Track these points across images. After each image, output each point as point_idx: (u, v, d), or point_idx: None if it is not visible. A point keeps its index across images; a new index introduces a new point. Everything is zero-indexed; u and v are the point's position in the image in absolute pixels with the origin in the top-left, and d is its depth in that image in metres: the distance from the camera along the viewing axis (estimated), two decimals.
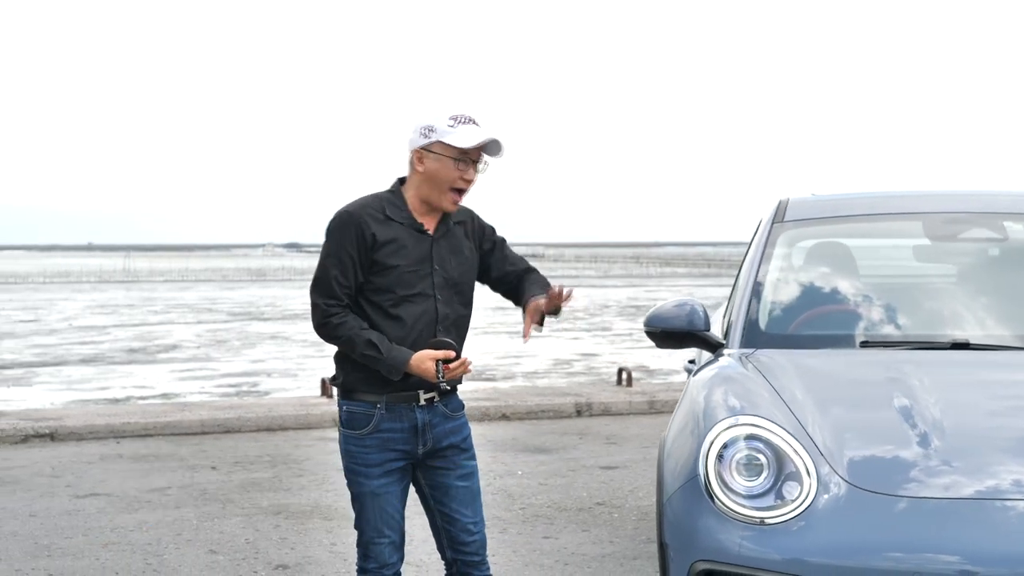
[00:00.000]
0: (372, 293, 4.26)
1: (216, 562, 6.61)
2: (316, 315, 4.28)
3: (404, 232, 4.27)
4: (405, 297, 4.25)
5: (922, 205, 5.46)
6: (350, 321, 4.22)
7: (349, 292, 4.24)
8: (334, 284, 4.23)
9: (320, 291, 4.26)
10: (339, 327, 4.22)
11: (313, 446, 10.17)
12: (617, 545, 6.89)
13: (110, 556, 6.75)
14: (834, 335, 4.88)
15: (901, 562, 3.64)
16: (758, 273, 5.11)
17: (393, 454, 4.31)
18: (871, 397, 4.26)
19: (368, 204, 4.29)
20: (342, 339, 4.23)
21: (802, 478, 3.86)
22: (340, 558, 6.66)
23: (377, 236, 4.22)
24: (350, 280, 4.23)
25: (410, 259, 4.26)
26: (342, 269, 4.22)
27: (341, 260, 4.22)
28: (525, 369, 16.96)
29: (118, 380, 15.89)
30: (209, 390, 14.69)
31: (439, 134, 4.21)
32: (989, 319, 4.87)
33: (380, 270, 4.23)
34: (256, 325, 26.78)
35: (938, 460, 3.86)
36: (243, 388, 14.87)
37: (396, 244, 4.24)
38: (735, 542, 3.85)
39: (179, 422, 10.63)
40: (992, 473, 3.82)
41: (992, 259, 5.21)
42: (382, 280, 4.24)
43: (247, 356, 19.30)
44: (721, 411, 4.19)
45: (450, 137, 4.20)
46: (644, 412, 11.82)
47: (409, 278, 4.25)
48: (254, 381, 15.66)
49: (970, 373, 4.48)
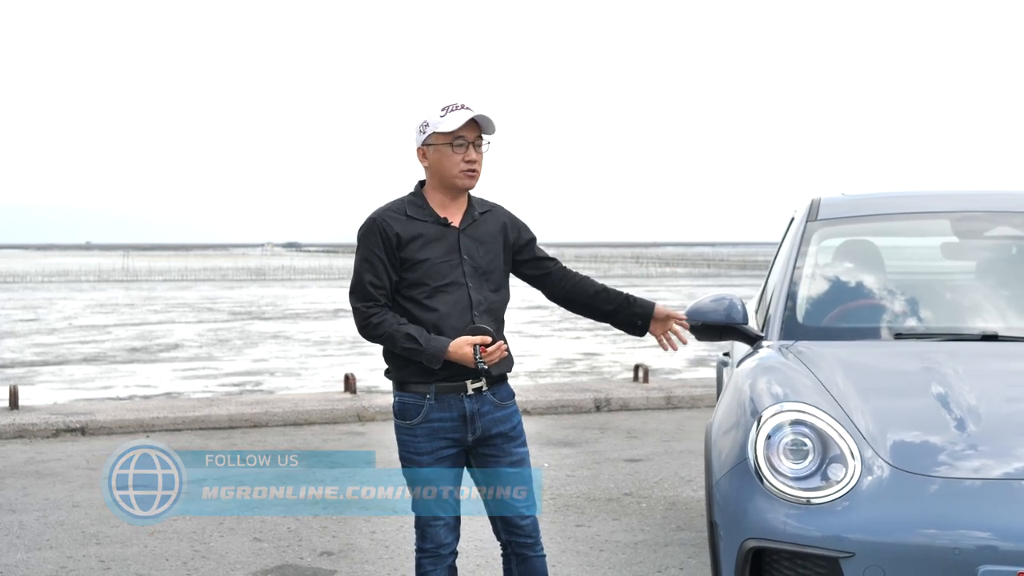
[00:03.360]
0: (407, 288, 4.50)
1: (262, 549, 6.83)
2: (357, 318, 4.53)
3: (428, 228, 4.51)
4: (438, 288, 4.48)
5: (949, 204, 5.71)
6: (388, 319, 4.45)
7: (385, 292, 4.48)
8: (369, 287, 4.48)
9: (358, 296, 4.51)
10: (379, 326, 4.45)
11: (341, 440, 10.40)
12: (648, 533, 7.12)
13: (157, 544, 6.97)
14: (869, 327, 5.12)
15: (937, 538, 3.87)
16: (795, 269, 5.34)
17: (443, 442, 4.54)
18: (909, 385, 4.49)
19: (390, 208, 4.55)
20: (383, 337, 4.47)
21: (847, 461, 4.08)
22: (381, 545, 6.89)
23: (401, 235, 4.47)
24: (383, 281, 4.47)
25: (438, 251, 4.49)
26: (374, 272, 4.47)
27: (372, 264, 4.47)
28: (528, 368, 17.14)
29: (121, 379, 16.04)
30: (213, 389, 14.82)
31: (432, 126, 4.48)
32: (1016, 313, 5.10)
33: (411, 265, 4.47)
34: (257, 324, 26.96)
35: (974, 444, 4.09)
36: (247, 387, 15.00)
37: (422, 239, 4.48)
38: (783, 520, 4.07)
39: (208, 417, 10.85)
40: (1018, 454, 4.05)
41: (1017, 256, 5.45)
42: (414, 275, 4.48)
43: (249, 355, 19.44)
44: (767, 398, 4.41)
45: (442, 125, 4.45)
46: (661, 407, 12.04)
47: (440, 269, 4.48)
48: (257, 380, 15.80)
49: (1000, 363, 4.72)
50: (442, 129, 4.44)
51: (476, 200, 4.65)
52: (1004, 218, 5.54)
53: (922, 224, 5.74)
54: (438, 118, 4.45)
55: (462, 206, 4.59)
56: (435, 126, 4.46)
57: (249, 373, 16.68)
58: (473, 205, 4.62)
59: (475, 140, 4.49)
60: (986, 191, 6.01)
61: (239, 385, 15.17)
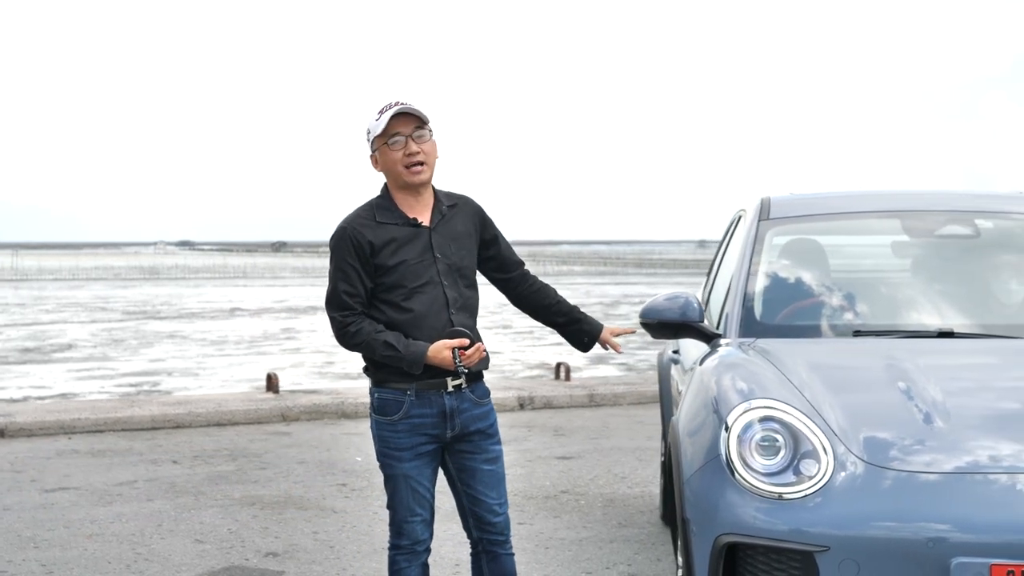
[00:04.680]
0: (383, 292, 4.50)
1: (205, 551, 6.76)
2: (334, 328, 4.54)
3: (400, 230, 4.51)
4: (415, 289, 4.49)
5: (900, 203, 5.83)
6: (365, 327, 4.46)
7: (360, 300, 4.49)
8: (344, 296, 4.49)
9: (333, 306, 4.52)
10: (356, 335, 4.47)
11: (268, 440, 10.32)
12: (591, 530, 7.17)
13: (97, 547, 6.87)
14: (828, 325, 5.21)
15: (911, 531, 3.94)
16: (750, 267, 5.41)
17: (423, 438, 4.55)
18: (874, 381, 4.58)
19: (359, 215, 4.56)
20: (361, 345, 4.48)
21: (820, 456, 4.14)
22: (326, 545, 6.86)
23: (373, 242, 4.48)
24: (358, 289, 4.48)
25: (412, 253, 4.50)
26: (348, 281, 4.48)
27: (345, 273, 4.48)
28: None
29: (14, 380, 15.63)
30: (109, 390, 14.48)
31: (372, 131, 4.52)
32: (969, 310, 5.24)
33: (386, 270, 4.48)
34: (153, 324, 26.51)
35: (943, 438, 4.17)
36: (144, 388, 14.69)
37: (395, 243, 4.49)
38: (757, 516, 4.12)
39: (130, 418, 10.71)
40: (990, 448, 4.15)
41: (967, 254, 5.59)
42: (390, 278, 4.49)
43: (145, 355, 19.08)
44: (735, 396, 4.46)
45: (376, 128, 4.50)
46: (585, 405, 12.14)
47: (415, 270, 4.49)
48: (155, 380, 15.51)
49: (959, 359, 4.83)
50: (378, 132, 4.48)
51: (442, 194, 4.65)
52: (953, 217, 5.68)
53: (874, 223, 5.86)
54: (375, 122, 4.50)
55: (428, 203, 4.60)
56: (374, 130, 4.50)
57: (146, 373, 16.37)
58: (440, 200, 4.62)
59: (412, 133, 4.50)
60: (935, 191, 6.16)
61: (136, 386, 14.83)
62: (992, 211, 5.73)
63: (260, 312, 30.93)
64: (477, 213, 4.74)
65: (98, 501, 8.00)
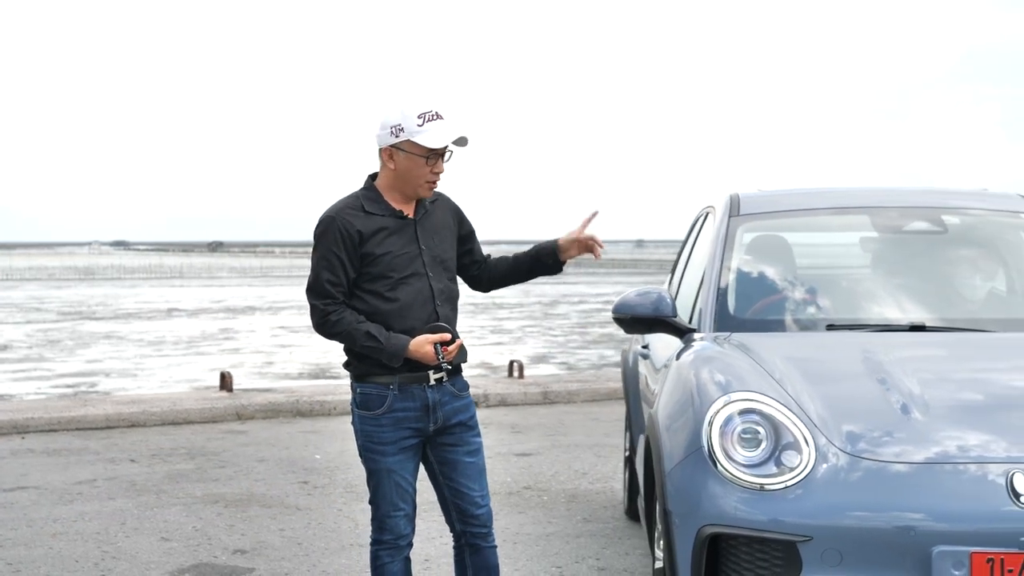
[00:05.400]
0: (369, 282, 4.52)
1: (173, 548, 6.74)
2: (315, 316, 4.54)
3: (387, 221, 4.54)
4: (400, 279, 4.52)
5: (867, 200, 5.93)
6: (347, 317, 4.48)
7: (343, 290, 4.51)
8: (327, 285, 4.49)
9: (315, 293, 4.53)
10: (337, 323, 4.48)
11: (224, 439, 10.29)
12: (556, 525, 7.22)
13: (63, 545, 6.83)
14: (802, 319, 5.28)
15: (893, 521, 4.02)
16: (723, 263, 5.48)
17: (407, 432, 4.57)
18: (851, 373, 4.65)
19: (347, 204, 4.57)
20: (342, 335, 4.49)
21: (801, 447, 4.20)
22: (293, 542, 6.86)
23: (362, 231, 4.49)
24: (341, 278, 4.49)
25: (398, 244, 4.53)
26: (332, 270, 4.49)
27: (330, 262, 4.49)
28: None
29: None
30: (46, 391, 14.30)
31: (408, 133, 4.46)
32: (939, 304, 5.33)
33: (372, 260, 4.50)
34: (89, 324, 26.19)
35: (922, 429, 4.25)
36: (81, 388, 14.51)
37: (383, 233, 4.52)
38: (740, 507, 4.17)
39: (84, 417, 10.64)
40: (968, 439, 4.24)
41: (935, 250, 5.69)
42: (376, 268, 4.51)
43: (82, 356, 18.86)
44: (715, 388, 4.52)
45: (420, 137, 4.45)
46: (539, 403, 12.20)
47: (401, 261, 4.52)
48: (92, 381, 15.33)
49: (932, 352, 4.92)
50: (423, 142, 4.43)
51: None
52: (921, 214, 5.78)
53: (843, 220, 5.95)
54: (415, 126, 4.43)
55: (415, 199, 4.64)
56: (412, 134, 4.44)
57: (83, 374, 16.17)
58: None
59: (443, 150, 4.52)
60: (902, 187, 6.26)
61: (73, 387, 14.62)
62: (957, 207, 5.84)
63: (198, 312, 30.71)
64: (453, 209, 4.79)
65: (59, 500, 7.94)
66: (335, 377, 15.48)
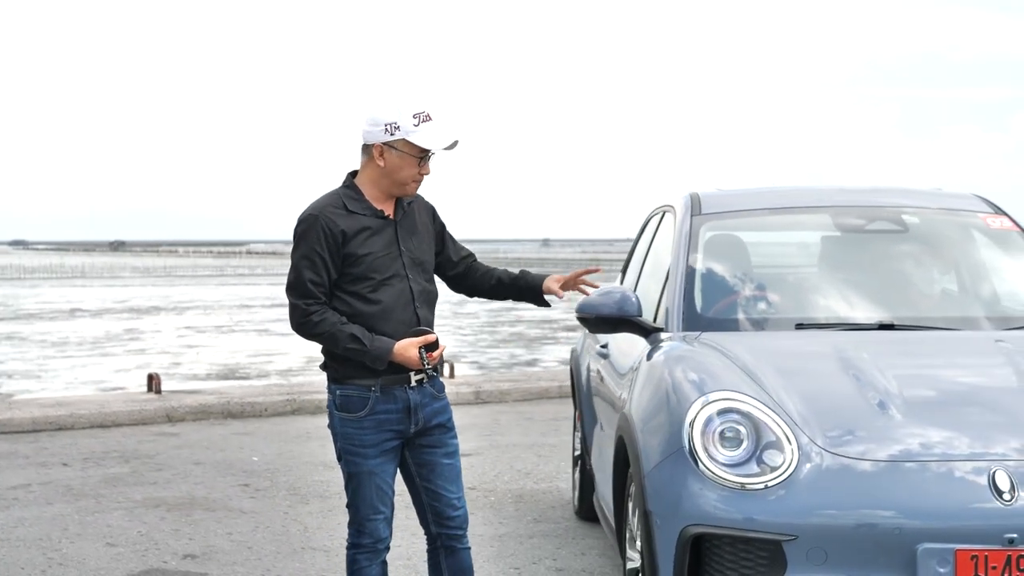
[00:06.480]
0: (350, 283, 4.45)
1: (120, 554, 6.60)
2: (295, 315, 4.45)
3: (369, 221, 4.48)
4: (382, 281, 4.46)
5: (828, 199, 5.96)
6: (330, 317, 4.41)
7: (324, 290, 4.44)
8: (309, 284, 4.42)
9: (296, 293, 4.44)
10: (319, 324, 4.40)
11: (156, 441, 10.11)
12: (508, 526, 7.18)
13: (6, 552, 6.66)
14: (771, 319, 5.29)
15: (878, 519, 4.04)
16: (687, 262, 5.47)
17: (388, 434, 4.52)
18: (825, 371, 4.66)
19: (329, 203, 4.49)
20: (323, 336, 4.42)
21: (784, 446, 4.20)
22: (243, 546, 6.75)
23: (346, 231, 4.43)
24: (323, 278, 4.42)
25: (379, 245, 4.47)
26: (314, 269, 4.41)
27: (312, 261, 4.42)
28: (278, 367, 16.84)
29: None
30: None
31: (403, 132, 4.41)
32: (907, 303, 5.38)
33: (354, 260, 4.43)
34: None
35: (902, 427, 4.28)
36: None
37: (365, 233, 4.46)
38: (724, 506, 4.16)
39: (10, 420, 10.41)
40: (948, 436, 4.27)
41: (897, 248, 5.73)
42: (357, 269, 4.44)
43: None
44: (693, 388, 4.51)
45: (415, 136, 4.41)
46: (471, 402, 12.16)
47: (383, 262, 4.47)
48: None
49: (903, 349, 4.94)
50: (418, 142, 4.39)
51: None
52: (882, 213, 5.83)
53: (804, 218, 5.98)
54: (411, 126, 4.39)
55: (395, 198, 4.58)
56: (407, 134, 4.39)
57: None
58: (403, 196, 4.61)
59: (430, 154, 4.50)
60: (864, 186, 6.30)
61: None
62: (916, 206, 5.89)
63: (101, 312, 30.24)
64: (429, 209, 4.75)
65: None
66: (245, 377, 15.34)
